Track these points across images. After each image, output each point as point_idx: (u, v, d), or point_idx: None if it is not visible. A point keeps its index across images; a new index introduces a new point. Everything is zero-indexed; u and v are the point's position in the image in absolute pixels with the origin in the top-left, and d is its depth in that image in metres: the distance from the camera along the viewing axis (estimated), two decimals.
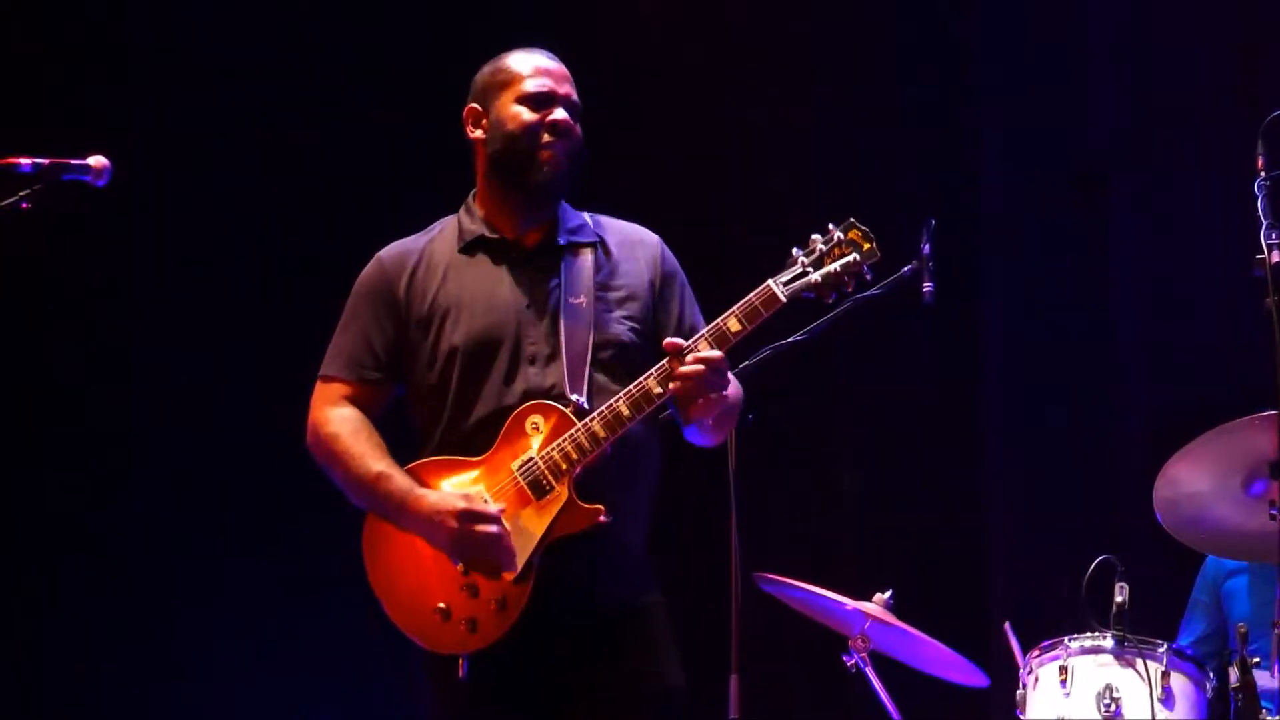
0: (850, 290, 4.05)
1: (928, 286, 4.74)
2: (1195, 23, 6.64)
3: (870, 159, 6.82)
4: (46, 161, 3.99)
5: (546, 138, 4.14)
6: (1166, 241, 6.62)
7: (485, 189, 4.24)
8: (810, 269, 4.00)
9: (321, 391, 4.20)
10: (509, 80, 4.20)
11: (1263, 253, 4.32)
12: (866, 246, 4.03)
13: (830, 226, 4.04)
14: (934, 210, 4.86)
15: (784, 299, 3.98)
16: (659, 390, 3.96)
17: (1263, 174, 4.40)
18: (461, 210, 4.28)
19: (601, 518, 3.96)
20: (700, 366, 3.93)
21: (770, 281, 3.99)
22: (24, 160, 3.98)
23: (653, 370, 3.98)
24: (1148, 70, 6.72)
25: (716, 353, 3.95)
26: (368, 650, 6.33)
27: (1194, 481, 4.92)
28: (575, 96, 4.22)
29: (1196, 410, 5.20)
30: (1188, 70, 6.66)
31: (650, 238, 4.30)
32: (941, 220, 4.85)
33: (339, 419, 4.15)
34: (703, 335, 3.98)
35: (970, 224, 6.73)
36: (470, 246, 4.20)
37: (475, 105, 4.24)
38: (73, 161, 4.02)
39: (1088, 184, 6.73)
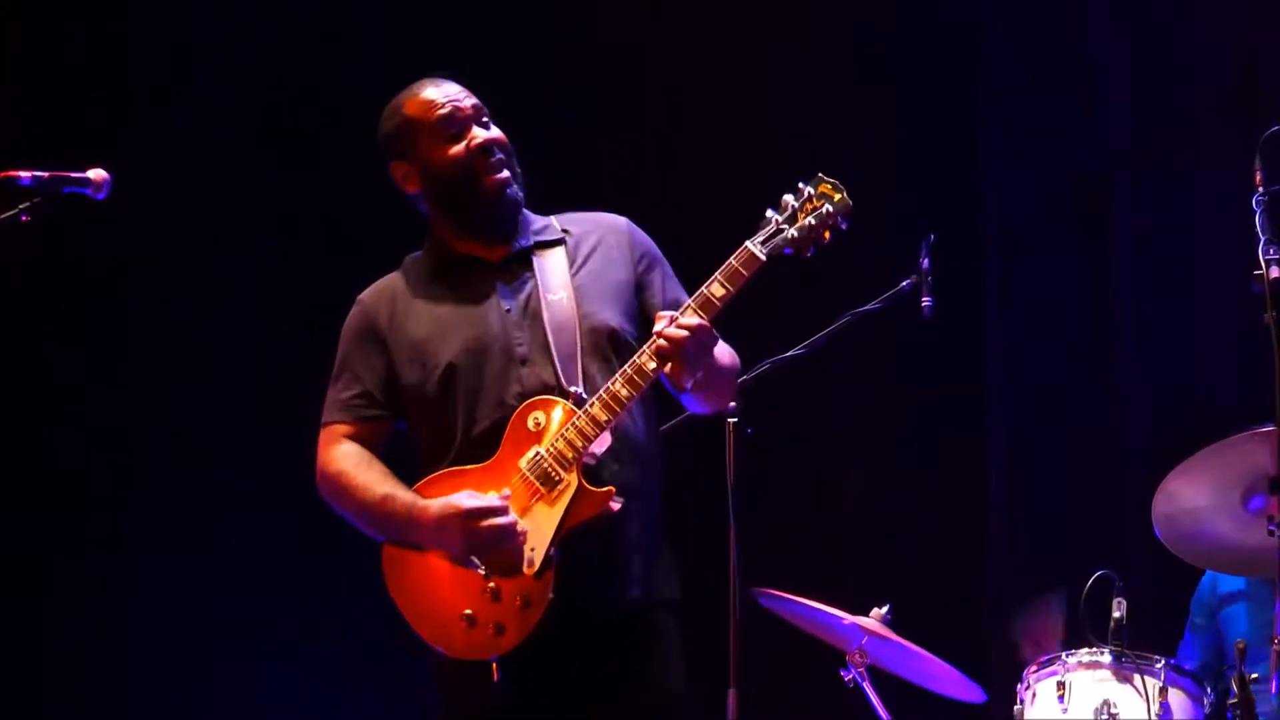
0: (827, 241, 4.00)
1: (926, 301, 4.75)
2: (1196, 33, 6.63)
3: (869, 169, 6.80)
4: (46, 174, 3.99)
5: (478, 164, 4.15)
6: (1168, 252, 6.61)
7: (442, 228, 4.24)
8: (785, 225, 3.99)
9: (324, 437, 4.22)
10: (415, 124, 4.20)
11: (1261, 268, 4.30)
12: (838, 197, 4.00)
13: (800, 184, 4.03)
14: (934, 222, 4.86)
15: (763, 258, 3.95)
16: (653, 365, 3.95)
17: (1260, 189, 4.38)
18: (427, 244, 4.28)
19: (612, 503, 3.96)
20: (684, 333, 3.91)
21: (748, 243, 3.97)
22: (24, 173, 3.98)
23: (644, 347, 3.97)
24: (1148, 80, 6.71)
25: (698, 320, 3.93)
26: (362, 654, 6.35)
27: (1193, 497, 4.90)
28: (476, 100, 4.21)
29: (1196, 425, 5.20)
30: (1188, 80, 6.64)
31: (618, 221, 4.30)
32: (942, 232, 4.85)
33: (341, 456, 4.16)
34: (689, 305, 3.97)
35: (971, 235, 6.73)
36: (443, 269, 4.21)
37: (399, 162, 4.24)
38: (72, 174, 4.02)
39: (1088, 195, 6.73)
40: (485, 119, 4.20)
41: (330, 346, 4.30)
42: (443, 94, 4.21)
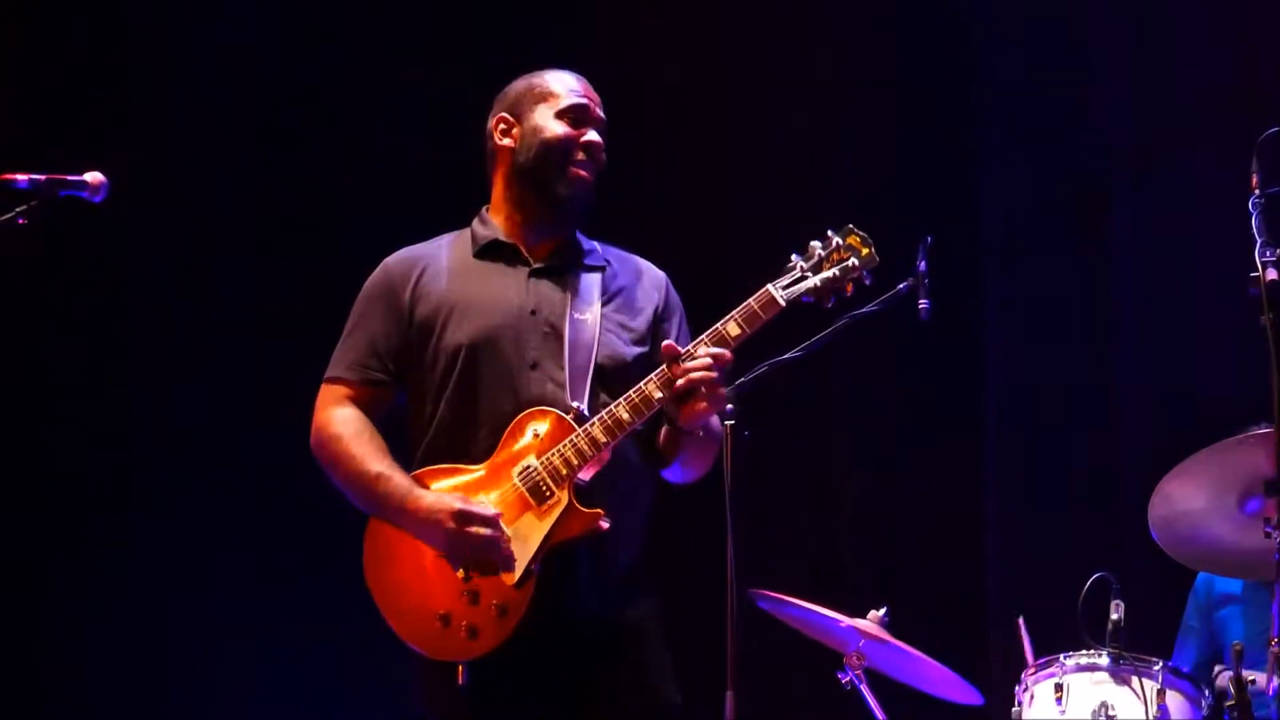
0: (849, 294, 4.06)
1: (924, 304, 4.73)
2: (1195, 33, 6.62)
3: (868, 169, 6.81)
4: (43, 177, 4.00)
5: (580, 155, 4.20)
6: (1168, 252, 6.60)
7: (505, 199, 4.27)
8: (809, 274, 4.03)
9: (325, 394, 4.22)
10: (547, 94, 4.26)
11: (1258, 270, 4.30)
12: (865, 252, 4.05)
13: (829, 232, 4.06)
14: (933, 222, 4.85)
15: (783, 303, 4.00)
16: (659, 395, 3.98)
17: (1257, 192, 4.37)
18: (475, 221, 4.30)
19: (601, 523, 3.96)
20: (708, 363, 3.94)
21: (769, 286, 4.01)
22: (21, 176, 3.98)
23: (652, 375, 4.00)
24: (1148, 80, 6.70)
25: (724, 350, 3.97)
26: (362, 654, 6.34)
27: (1189, 499, 4.89)
28: (606, 120, 4.28)
29: (1196, 426, 5.19)
30: (1188, 80, 6.64)
31: (657, 272, 4.35)
32: (941, 233, 4.84)
33: (341, 420, 4.15)
34: (702, 339, 4.00)
35: (971, 236, 6.73)
36: (483, 251, 4.23)
37: (507, 115, 4.27)
38: (69, 177, 4.03)
39: (1088, 195, 6.72)
40: (604, 136, 4.24)
41: (330, 347, 4.30)
42: (585, 91, 4.28)
